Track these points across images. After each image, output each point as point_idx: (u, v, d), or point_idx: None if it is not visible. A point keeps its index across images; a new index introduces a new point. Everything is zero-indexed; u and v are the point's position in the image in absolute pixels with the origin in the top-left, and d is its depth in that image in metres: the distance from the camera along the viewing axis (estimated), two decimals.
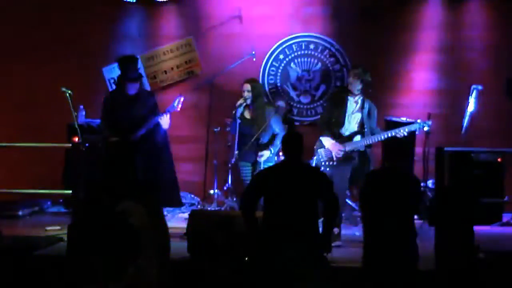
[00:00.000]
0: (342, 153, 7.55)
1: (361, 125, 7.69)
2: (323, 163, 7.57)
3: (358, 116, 7.73)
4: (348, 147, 7.59)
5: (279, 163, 6.69)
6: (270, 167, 5.88)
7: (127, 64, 7.48)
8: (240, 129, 7.88)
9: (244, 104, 7.95)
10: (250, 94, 7.94)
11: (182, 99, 7.52)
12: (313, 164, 7.55)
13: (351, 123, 7.73)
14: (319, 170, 5.62)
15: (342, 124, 7.70)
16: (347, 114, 7.71)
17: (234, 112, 7.99)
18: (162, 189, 7.58)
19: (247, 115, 8.03)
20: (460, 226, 5.22)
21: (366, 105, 7.71)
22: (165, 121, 7.39)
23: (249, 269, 5.38)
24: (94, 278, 2.80)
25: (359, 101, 7.75)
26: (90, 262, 2.84)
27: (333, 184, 5.47)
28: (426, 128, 7.59)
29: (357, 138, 7.65)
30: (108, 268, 2.79)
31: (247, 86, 7.99)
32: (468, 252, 5.23)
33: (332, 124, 7.70)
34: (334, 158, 7.56)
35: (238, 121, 7.83)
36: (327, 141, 7.61)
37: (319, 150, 7.66)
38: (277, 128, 7.96)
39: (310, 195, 5.24)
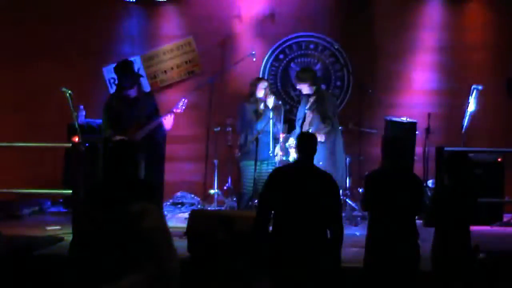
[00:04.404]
0: None
1: None
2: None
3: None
4: None
5: (292, 164, 6.57)
6: (282, 168, 5.63)
7: (120, 72, 7.44)
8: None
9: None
10: (267, 91, 7.93)
11: (185, 101, 7.53)
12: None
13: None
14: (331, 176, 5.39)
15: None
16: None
17: (259, 109, 7.91)
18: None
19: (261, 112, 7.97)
20: (456, 226, 5.21)
21: None
22: (168, 121, 7.39)
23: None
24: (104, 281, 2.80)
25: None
26: (98, 264, 2.85)
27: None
28: None
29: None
30: (120, 270, 2.80)
31: (265, 84, 7.99)
32: (466, 253, 5.23)
33: None
34: None
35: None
36: None
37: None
38: None
39: (321, 202, 4.97)
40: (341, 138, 8.01)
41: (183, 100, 7.51)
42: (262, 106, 7.90)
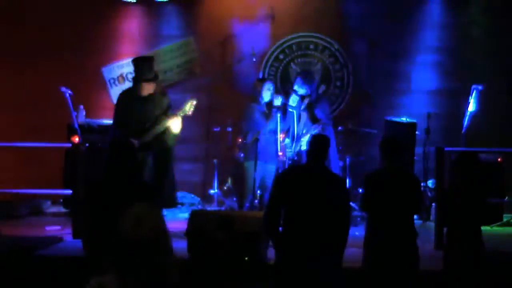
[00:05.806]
0: None
1: None
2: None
3: None
4: None
5: (301, 166, 6.53)
6: (291, 170, 5.62)
7: (144, 64, 7.15)
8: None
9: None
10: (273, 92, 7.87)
11: (194, 102, 7.15)
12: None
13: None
14: (342, 179, 5.34)
15: None
16: None
17: (266, 110, 7.86)
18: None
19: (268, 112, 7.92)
20: (470, 226, 5.23)
21: None
22: (176, 125, 7.13)
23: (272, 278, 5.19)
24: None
25: None
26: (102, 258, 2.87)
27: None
28: None
29: None
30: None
31: (271, 84, 7.87)
32: (477, 252, 5.24)
33: None
34: None
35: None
36: None
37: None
38: None
39: (333, 204, 4.95)
40: (334, 137, 7.96)
41: (192, 102, 7.18)
42: (265, 108, 7.84)
